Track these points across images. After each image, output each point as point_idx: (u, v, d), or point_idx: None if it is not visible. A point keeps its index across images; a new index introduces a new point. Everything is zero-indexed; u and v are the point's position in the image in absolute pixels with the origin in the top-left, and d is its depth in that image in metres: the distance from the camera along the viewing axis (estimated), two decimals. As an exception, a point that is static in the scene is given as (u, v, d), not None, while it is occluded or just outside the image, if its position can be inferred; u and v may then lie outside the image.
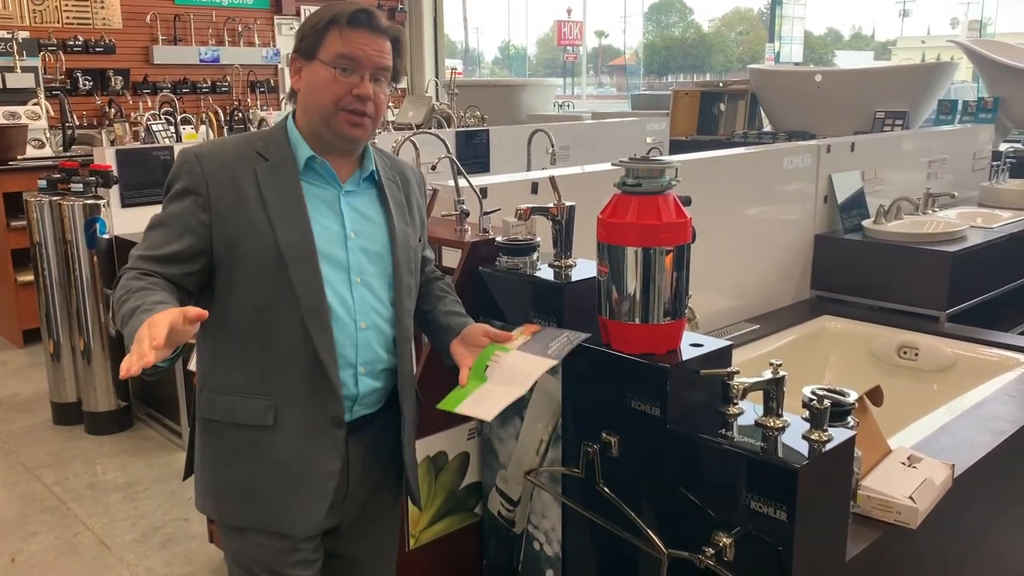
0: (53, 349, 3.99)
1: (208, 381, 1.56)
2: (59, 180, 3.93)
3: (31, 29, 6.65)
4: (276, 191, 1.48)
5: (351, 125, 1.50)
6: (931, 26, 27.92)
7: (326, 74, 1.48)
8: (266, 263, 1.46)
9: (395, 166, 1.68)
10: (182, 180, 1.49)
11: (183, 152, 1.53)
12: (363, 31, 1.49)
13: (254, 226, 1.46)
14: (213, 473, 1.57)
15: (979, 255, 3.19)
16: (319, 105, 1.49)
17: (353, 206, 1.56)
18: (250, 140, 1.56)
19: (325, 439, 1.52)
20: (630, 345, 1.59)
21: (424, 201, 1.74)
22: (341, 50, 1.48)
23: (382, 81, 1.52)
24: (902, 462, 1.77)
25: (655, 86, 25.58)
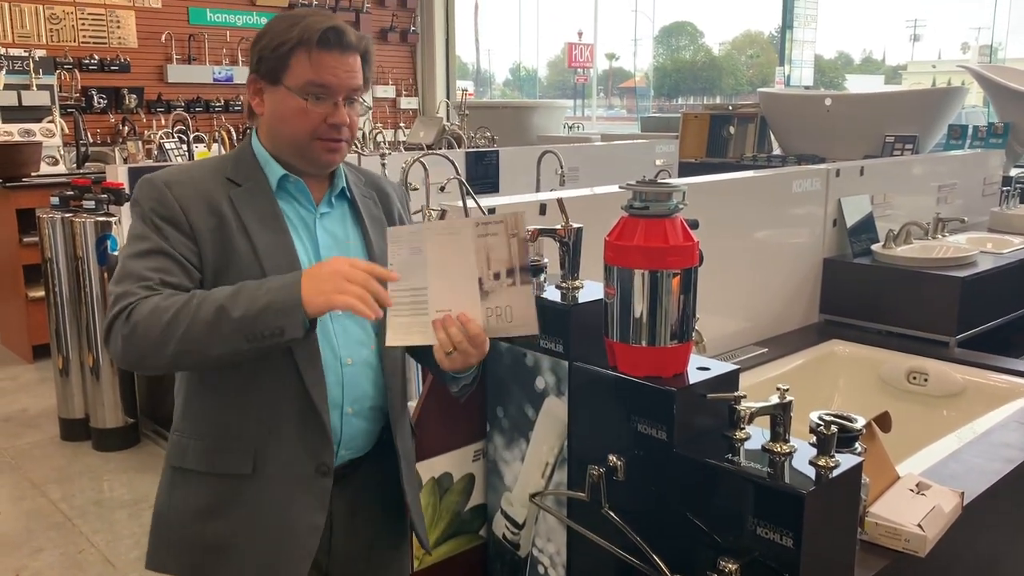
0: (62, 365, 4.01)
1: (181, 424, 1.43)
2: (71, 197, 3.96)
3: (48, 47, 6.74)
4: (255, 217, 1.37)
5: (329, 152, 1.40)
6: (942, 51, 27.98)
7: (296, 103, 1.36)
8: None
9: (371, 182, 1.57)
10: (155, 211, 1.34)
11: (146, 180, 1.37)
12: (334, 52, 1.36)
13: (238, 255, 1.34)
14: (181, 528, 1.41)
15: (989, 281, 3.17)
16: (290, 136, 1.39)
17: (328, 229, 1.45)
18: (216, 165, 1.43)
19: (309, 489, 1.39)
20: (636, 368, 1.59)
21: (409, 215, 1.63)
22: (312, 77, 1.35)
23: (355, 101, 1.42)
24: (911, 489, 1.76)
25: (665, 108, 25.67)
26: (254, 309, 1.22)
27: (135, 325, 1.25)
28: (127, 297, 1.28)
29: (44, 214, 3.99)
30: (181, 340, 1.23)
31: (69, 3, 6.95)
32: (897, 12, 34.48)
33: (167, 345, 1.24)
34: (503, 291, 1.32)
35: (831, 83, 23.21)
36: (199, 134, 6.56)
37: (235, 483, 1.38)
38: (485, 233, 1.30)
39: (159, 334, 1.24)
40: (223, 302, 1.23)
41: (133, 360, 1.29)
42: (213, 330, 1.23)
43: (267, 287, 1.25)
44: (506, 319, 1.32)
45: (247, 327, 1.22)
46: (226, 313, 1.22)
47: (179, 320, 1.23)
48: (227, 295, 1.24)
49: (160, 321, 1.24)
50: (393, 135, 7.27)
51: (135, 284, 1.29)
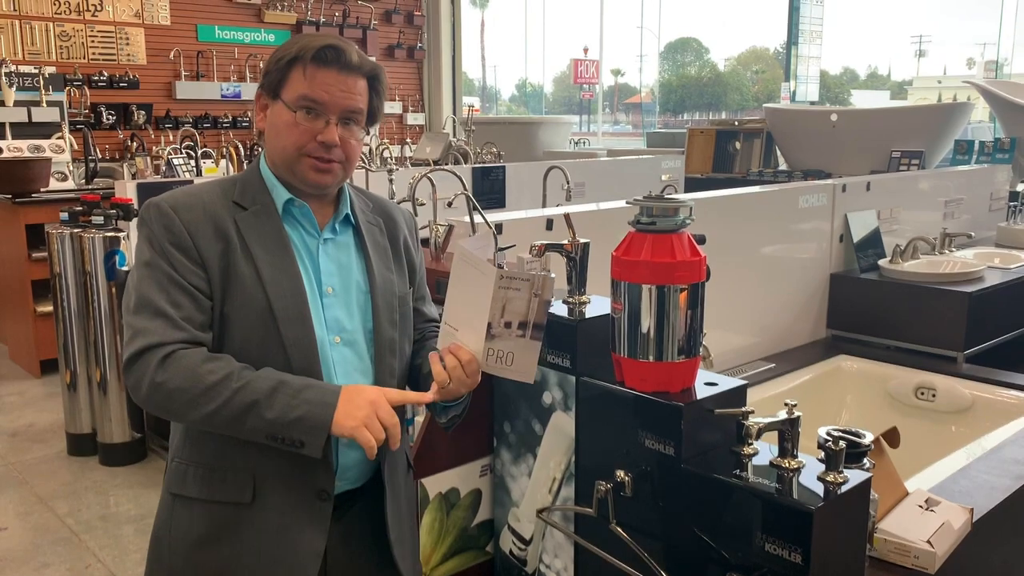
0: (70, 380, 4.02)
1: (181, 451, 1.41)
2: (80, 213, 3.98)
3: (57, 64, 6.80)
4: (261, 243, 1.36)
5: (316, 171, 1.38)
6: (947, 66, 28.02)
7: (287, 117, 1.36)
8: (255, 320, 1.33)
9: (379, 208, 1.55)
10: (164, 237, 1.34)
11: (152, 205, 1.36)
12: (331, 70, 1.35)
13: (242, 281, 1.34)
14: (180, 555, 1.40)
15: (997, 296, 3.17)
16: (280, 150, 1.38)
17: (331, 255, 1.44)
18: (223, 188, 1.41)
19: (310, 515, 1.38)
20: (644, 383, 1.59)
21: (417, 244, 1.62)
22: (304, 91, 1.34)
23: (352, 124, 1.39)
24: (920, 505, 1.75)
25: (671, 124, 25.74)
26: (286, 418, 1.26)
27: (167, 380, 1.27)
28: (150, 335, 1.29)
29: (53, 229, 4.01)
30: (209, 416, 1.27)
31: (79, 20, 7.01)
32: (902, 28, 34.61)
33: (193, 412, 1.28)
34: (511, 340, 1.32)
35: (837, 98, 23.24)
36: (207, 150, 6.60)
37: (235, 511, 1.37)
38: (508, 286, 1.29)
39: (189, 400, 1.27)
40: (259, 398, 1.26)
41: (153, 407, 1.31)
42: (241, 420, 1.27)
43: (305, 397, 1.27)
44: (505, 362, 1.33)
45: (274, 430, 1.27)
46: (259, 410, 1.26)
47: (212, 397, 1.26)
48: (266, 390, 1.27)
49: (193, 389, 1.26)
50: (400, 151, 7.30)
51: (155, 320, 1.30)
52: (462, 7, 9.90)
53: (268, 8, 8.12)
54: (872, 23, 35.94)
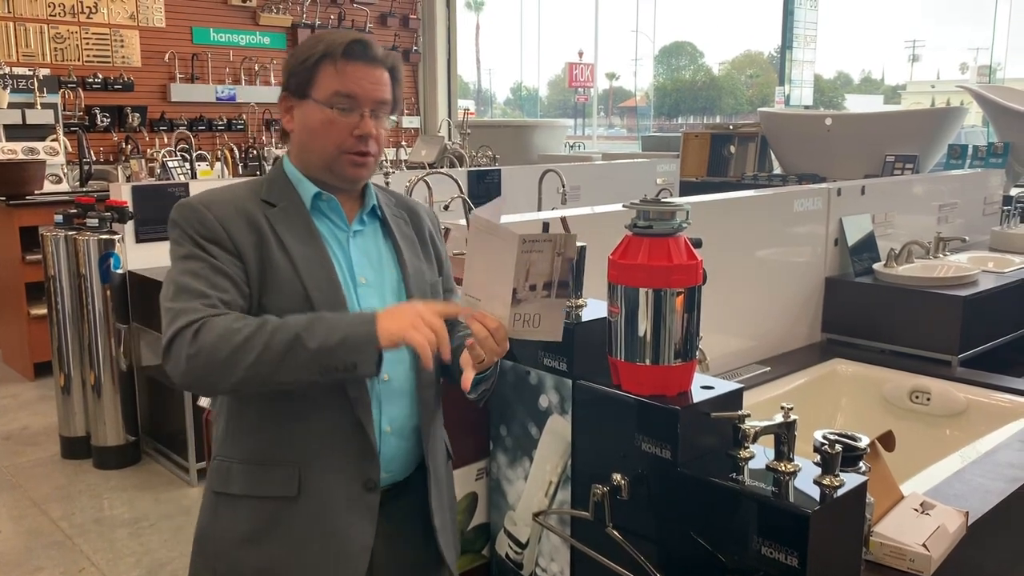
0: (64, 383, 4.01)
1: (223, 448, 1.41)
2: (75, 215, 3.97)
3: (52, 67, 6.78)
4: (293, 235, 1.37)
5: (355, 166, 1.40)
6: (941, 71, 28.13)
7: (322, 115, 1.37)
8: (293, 309, 1.32)
9: (401, 203, 1.57)
10: (199, 233, 1.34)
11: (183, 204, 1.37)
12: (359, 64, 1.38)
13: (278, 272, 1.35)
14: (228, 557, 1.39)
15: (991, 300, 3.18)
16: (318, 149, 1.39)
17: (360, 247, 1.45)
18: (251, 187, 1.43)
19: (358, 506, 1.37)
20: (640, 386, 1.59)
21: (441, 237, 1.63)
22: (337, 87, 1.36)
23: (381, 115, 1.42)
24: (915, 508, 1.75)
25: (665, 128, 25.77)
26: (330, 342, 1.23)
27: (201, 346, 1.24)
28: (188, 314, 1.27)
29: (47, 232, 4.00)
30: (252, 365, 1.23)
31: (74, 22, 7.00)
32: (896, 32, 34.70)
33: (235, 368, 1.24)
34: (536, 301, 1.31)
35: (831, 103, 23.33)
36: (202, 152, 6.59)
37: (281, 505, 1.36)
38: (531, 249, 1.28)
39: (227, 357, 1.24)
40: (299, 331, 1.24)
41: (195, 380, 1.29)
42: (287, 359, 1.23)
43: (345, 320, 1.27)
44: (532, 325, 1.31)
45: (322, 359, 1.24)
46: (301, 343, 1.23)
47: (251, 345, 1.23)
48: (303, 325, 1.25)
49: (230, 344, 1.24)
50: (395, 154, 7.30)
51: (194, 300, 1.28)
52: (457, 10, 9.91)
53: (263, 11, 8.11)
54: (866, 28, 36.05)
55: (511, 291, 1.29)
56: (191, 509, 3.50)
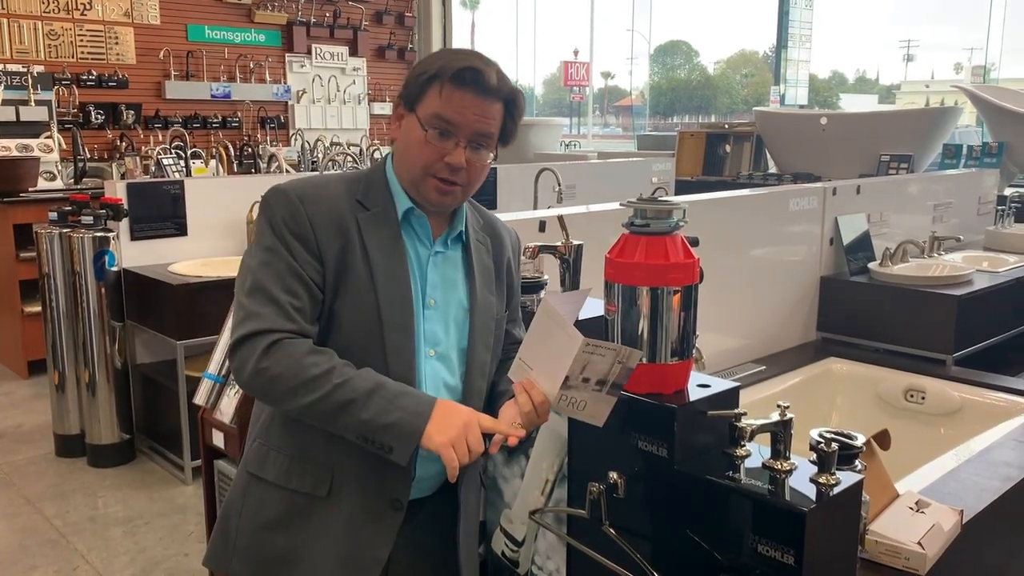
0: (58, 380, 4.00)
1: (265, 433, 1.43)
2: (70, 212, 3.96)
3: (46, 63, 6.76)
4: (378, 246, 1.37)
5: (439, 193, 1.38)
6: (935, 71, 28.24)
7: (419, 134, 1.35)
8: (362, 322, 1.35)
9: (488, 226, 1.55)
10: (287, 225, 1.34)
11: (280, 191, 1.38)
12: (468, 92, 1.34)
13: (356, 281, 1.35)
14: (247, 536, 1.43)
15: (985, 299, 3.19)
16: (409, 165, 1.39)
17: (438, 268, 1.44)
18: (349, 185, 1.42)
19: (380, 522, 1.39)
20: (637, 384, 1.59)
21: (518, 266, 1.61)
22: (438, 111, 1.34)
23: (482, 149, 1.39)
24: (910, 507, 1.76)
25: (661, 127, 25.80)
26: (380, 421, 1.27)
27: (270, 367, 1.28)
28: (260, 320, 1.30)
29: (42, 229, 3.99)
30: (307, 407, 1.29)
31: (68, 19, 6.98)
32: (891, 32, 34.77)
33: (292, 401, 1.29)
34: (586, 392, 1.31)
35: (825, 102, 23.36)
36: (196, 150, 6.58)
37: (309, 502, 1.39)
38: (592, 352, 1.28)
39: (289, 390, 1.28)
40: (358, 397, 1.27)
41: (255, 391, 1.35)
42: (336, 416, 1.28)
43: (401, 404, 1.28)
44: (577, 408, 1.32)
45: (367, 432, 1.28)
46: (354, 410, 1.27)
47: (312, 389, 1.27)
48: (365, 391, 1.28)
49: (295, 379, 1.28)
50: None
51: (268, 306, 1.31)
52: (453, 8, 9.90)
53: (258, 8, 8.10)
54: (860, 27, 36.13)
55: (564, 378, 1.29)
56: (186, 507, 3.50)
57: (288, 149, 7.50)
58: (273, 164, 6.08)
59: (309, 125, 8.47)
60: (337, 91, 8.78)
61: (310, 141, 6.94)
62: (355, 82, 8.96)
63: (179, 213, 4.14)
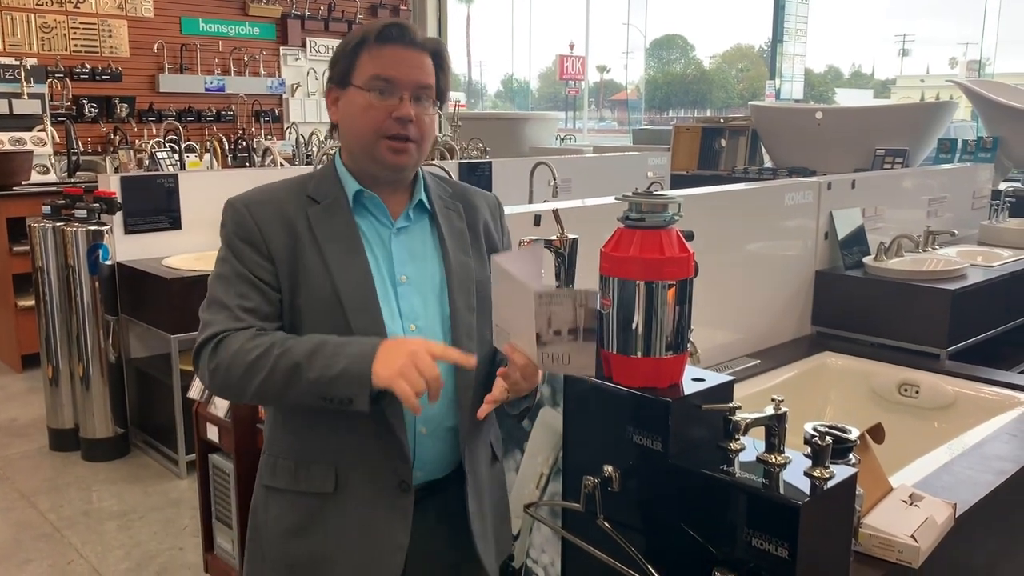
0: (52, 374, 3.99)
1: (270, 444, 1.47)
2: (63, 206, 3.95)
3: (39, 56, 6.73)
4: (329, 233, 1.38)
5: (394, 152, 1.39)
6: (930, 66, 28.24)
7: (362, 100, 1.37)
8: (324, 311, 1.35)
9: (459, 194, 1.56)
10: (236, 233, 1.39)
11: (229, 203, 1.43)
12: (396, 46, 1.38)
13: (309, 272, 1.36)
14: (276, 547, 1.44)
15: (980, 293, 3.19)
16: (358, 135, 1.39)
17: (404, 244, 1.44)
18: (300, 184, 1.44)
19: (392, 506, 1.39)
20: (632, 378, 1.59)
21: (502, 228, 1.61)
22: (375, 71, 1.36)
23: (424, 100, 1.40)
24: (904, 500, 1.76)
25: (656, 121, 25.78)
26: (328, 375, 1.26)
27: (219, 363, 1.32)
28: (210, 327, 1.34)
29: (35, 223, 3.97)
30: (259, 388, 1.29)
31: (61, 12, 6.94)
32: (886, 27, 34.77)
33: (246, 389, 1.31)
34: (563, 344, 1.29)
35: (821, 97, 23.38)
36: (190, 143, 6.56)
37: (320, 501, 1.40)
38: (549, 303, 1.27)
39: (239, 378, 1.30)
40: (300, 360, 1.27)
41: (218, 392, 1.38)
42: (288, 385, 1.28)
43: (345, 352, 1.27)
44: (562, 362, 1.30)
45: (320, 390, 1.27)
46: (302, 372, 1.27)
47: (258, 368, 1.29)
48: (306, 352, 1.28)
49: (241, 365, 1.29)
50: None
51: (220, 313, 1.35)
52: (448, 2, 9.87)
53: (253, 1, 8.07)
54: (856, 22, 36.10)
55: (535, 333, 1.28)
56: (180, 501, 3.49)
57: (283, 143, 7.47)
58: (267, 158, 6.06)
59: (304, 119, 8.45)
60: (332, 85, 8.75)
61: (304, 135, 6.92)
62: (350, 76, 8.92)
63: (173, 207, 4.13)
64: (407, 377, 1.22)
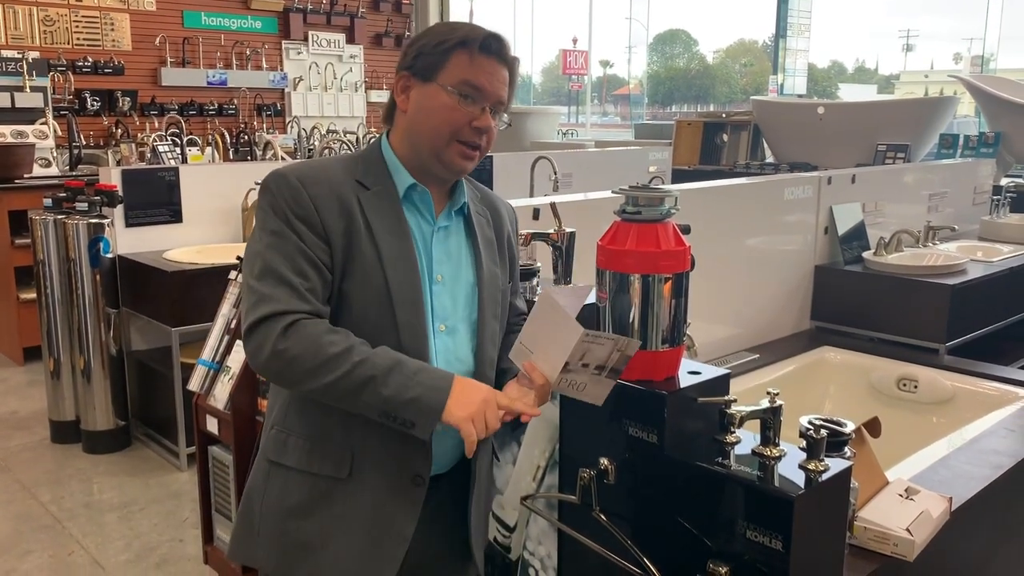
0: (53, 367, 4.00)
1: (282, 420, 1.45)
2: (65, 199, 3.95)
3: (41, 49, 6.73)
4: (383, 224, 1.38)
5: (463, 158, 1.40)
6: (934, 61, 28.13)
7: (447, 100, 1.37)
8: (373, 300, 1.36)
9: (486, 199, 1.57)
10: (292, 209, 1.34)
11: (280, 175, 1.37)
12: (494, 59, 1.39)
13: (364, 260, 1.36)
14: (270, 524, 1.44)
15: (979, 288, 3.20)
16: (432, 132, 1.39)
17: (442, 244, 1.46)
18: (347, 166, 1.42)
19: (402, 498, 1.41)
20: (628, 371, 1.59)
21: (516, 239, 1.63)
22: (468, 77, 1.37)
23: (498, 114, 1.43)
24: (899, 494, 1.77)
25: (659, 116, 25.73)
26: (402, 397, 1.28)
27: (289, 348, 1.28)
28: (275, 302, 1.30)
29: (37, 216, 3.98)
30: (328, 386, 1.29)
31: (63, 5, 6.94)
32: (890, 22, 34.68)
33: (313, 381, 1.29)
34: (586, 375, 1.32)
35: (824, 92, 23.32)
36: (192, 137, 6.57)
37: (330, 485, 1.40)
38: (591, 342, 1.29)
39: (308, 370, 1.29)
40: (377, 374, 1.28)
41: (272, 373, 1.34)
42: (357, 394, 1.29)
43: (421, 380, 1.30)
44: (577, 389, 1.33)
45: (388, 408, 1.29)
46: (375, 386, 1.28)
47: (332, 368, 1.28)
48: (384, 367, 1.29)
49: (316, 359, 1.28)
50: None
51: (280, 287, 1.31)
52: (450, -4, 9.86)
53: (255, -5, 8.07)
54: (860, 17, 35.97)
55: (563, 363, 1.31)
56: (180, 493, 3.51)
57: (284, 136, 7.48)
58: (269, 151, 6.07)
59: (306, 112, 8.45)
60: (334, 78, 8.76)
61: (306, 128, 6.92)
62: (352, 69, 8.93)
63: (174, 200, 4.13)
64: (477, 424, 1.29)
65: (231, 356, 2.45)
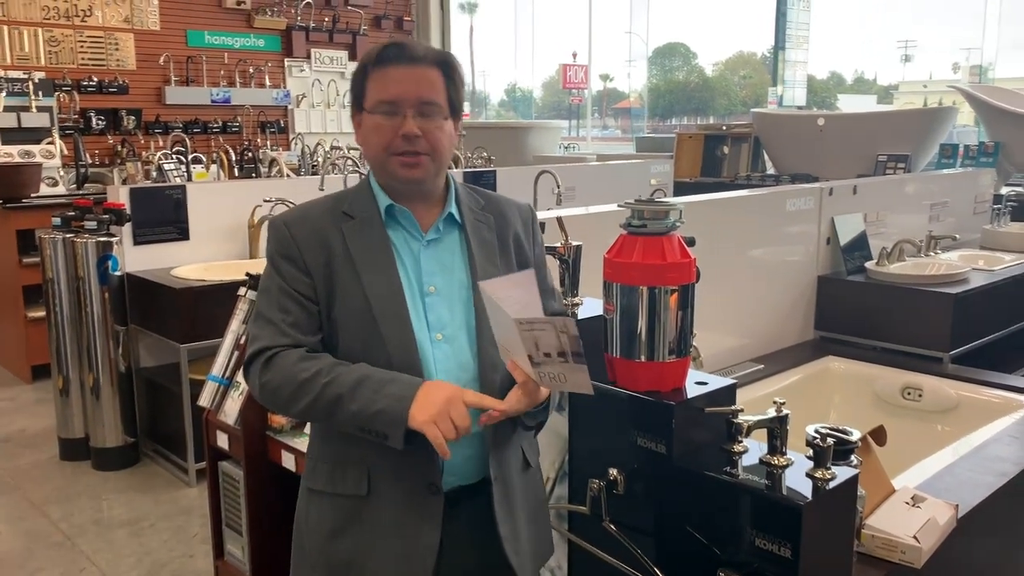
0: (62, 385, 4.02)
1: (312, 448, 1.55)
2: (73, 218, 3.99)
3: (47, 69, 6.79)
4: (362, 246, 1.45)
5: (405, 167, 1.43)
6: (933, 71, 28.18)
7: (371, 122, 1.44)
8: (358, 321, 1.42)
9: (490, 204, 1.59)
10: (277, 250, 1.47)
11: (271, 223, 1.52)
12: (395, 66, 1.42)
13: (345, 285, 1.43)
14: (318, 548, 1.50)
15: (982, 297, 3.21)
16: (373, 154, 1.46)
17: (433, 256, 1.49)
18: (337, 200, 1.51)
19: (422, 508, 1.43)
20: (636, 383, 1.62)
21: (532, 239, 1.62)
22: (379, 95, 1.42)
23: (432, 114, 1.43)
24: (906, 502, 1.78)
25: (659, 129, 25.75)
26: (367, 412, 1.35)
27: (269, 379, 1.41)
28: (258, 340, 1.44)
29: (45, 234, 4.01)
30: (304, 411, 1.40)
31: (68, 26, 7.01)
32: (888, 33, 34.80)
33: (294, 407, 1.41)
34: (555, 365, 1.33)
35: (823, 103, 23.33)
36: (197, 155, 6.60)
37: (354, 503, 1.46)
38: (531, 329, 1.31)
39: (286, 398, 1.41)
40: (343, 392, 1.36)
41: (266, 404, 1.47)
42: (331, 413, 1.38)
43: (386, 391, 1.35)
44: (560, 381, 1.34)
45: (360, 422, 1.36)
46: (343, 405, 1.36)
47: (306, 393, 1.38)
48: (350, 384, 1.36)
49: (290, 386, 1.39)
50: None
51: (266, 328, 1.44)
52: (451, 13, 9.93)
53: (258, 14, 8.13)
54: (858, 28, 36.10)
55: (527, 357, 1.33)
56: (190, 509, 3.52)
57: (288, 153, 7.52)
58: (274, 168, 6.10)
59: (309, 129, 8.50)
60: (336, 95, 8.81)
61: (310, 145, 6.96)
62: (354, 86, 8.97)
63: (181, 218, 4.17)
64: (441, 425, 1.31)
65: (241, 372, 2.47)
